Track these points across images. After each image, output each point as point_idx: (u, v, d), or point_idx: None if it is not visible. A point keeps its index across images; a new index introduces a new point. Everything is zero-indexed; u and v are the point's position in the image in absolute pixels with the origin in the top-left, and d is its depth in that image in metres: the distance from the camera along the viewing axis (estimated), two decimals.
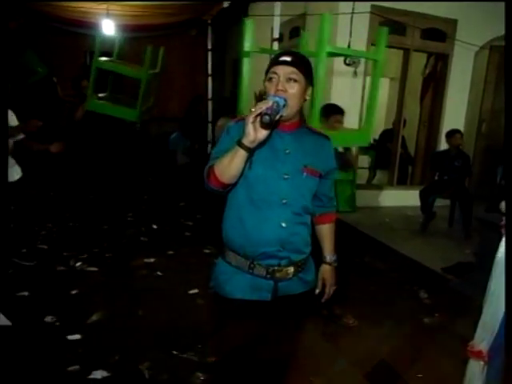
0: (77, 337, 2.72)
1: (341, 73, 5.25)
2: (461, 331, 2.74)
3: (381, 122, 6.90)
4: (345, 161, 3.38)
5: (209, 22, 7.47)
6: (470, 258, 3.84)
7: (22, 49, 7.14)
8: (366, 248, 4.39)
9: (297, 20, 5.88)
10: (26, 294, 3.22)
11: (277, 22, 5.17)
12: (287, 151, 1.50)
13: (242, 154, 1.35)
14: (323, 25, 2.59)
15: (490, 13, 5.27)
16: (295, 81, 1.43)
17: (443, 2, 5.44)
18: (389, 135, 6.49)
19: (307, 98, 1.50)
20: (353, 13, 4.84)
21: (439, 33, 5.72)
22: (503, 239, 1.59)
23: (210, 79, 7.77)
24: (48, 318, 2.90)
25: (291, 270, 1.54)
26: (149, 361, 2.51)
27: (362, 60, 5.30)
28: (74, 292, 3.32)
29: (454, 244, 4.42)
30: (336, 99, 5.23)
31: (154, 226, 5.00)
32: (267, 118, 1.27)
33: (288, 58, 1.43)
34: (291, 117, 1.49)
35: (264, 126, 1.29)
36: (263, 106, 1.29)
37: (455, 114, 6.00)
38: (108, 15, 6.05)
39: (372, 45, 5.06)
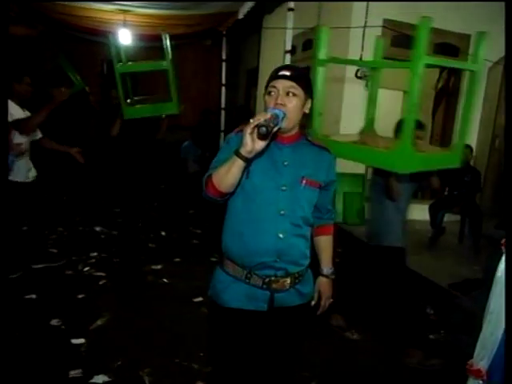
0: (81, 341, 2.76)
1: (352, 85, 5.25)
2: (466, 348, 2.70)
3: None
4: (427, 184, 2.90)
5: (224, 32, 7.58)
6: (478, 275, 3.78)
7: (55, 56, 7.26)
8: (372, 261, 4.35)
9: (310, 33, 5.92)
10: (33, 296, 3.28)
11: (289, 35, 5.24)
12: (285, 163, 1.52)
13: (239, 164, 1.37)
14: (420, 33, 2.04)
15: (504, 28, 5.24)
16: (294, 95, 1.45)
17: (457, 17, 5.43)
18: None
19: (306, 111, 1.52)
20: (365, 26, 4.87)
21: (452, 48, 5.70)
22: (502, 257, 1.58)
23: (223, 89, 7.86)
24: (54, 321, 2.96)
25: (288, 281, 1.55)
26: (150, 367, 2.53)
27: None
28: (80, 296, 3.37)
29: (462, 260, 4.36)
30: (347, 112, 5.27)
31: (163, 233, 5.06)
32: (264, 129, 1.29)
33: (287, 73, 1.45)
34: (290, 129, 1.51)
35: (261, 137, 1.31)
36: (261, 118, 1.31)
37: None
38: (125, 25, 6.19)
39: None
